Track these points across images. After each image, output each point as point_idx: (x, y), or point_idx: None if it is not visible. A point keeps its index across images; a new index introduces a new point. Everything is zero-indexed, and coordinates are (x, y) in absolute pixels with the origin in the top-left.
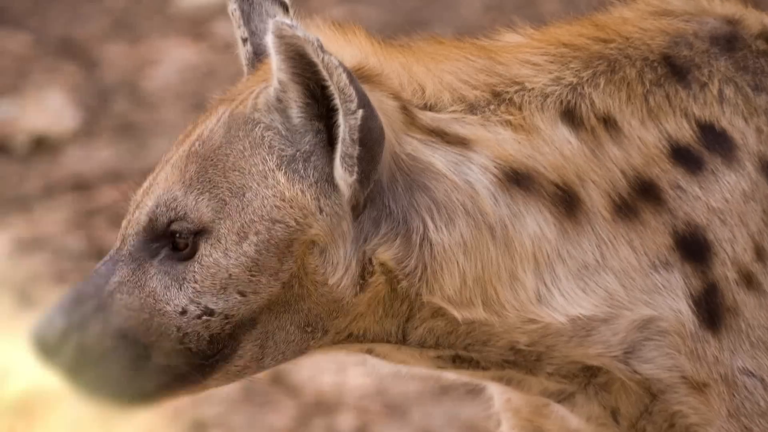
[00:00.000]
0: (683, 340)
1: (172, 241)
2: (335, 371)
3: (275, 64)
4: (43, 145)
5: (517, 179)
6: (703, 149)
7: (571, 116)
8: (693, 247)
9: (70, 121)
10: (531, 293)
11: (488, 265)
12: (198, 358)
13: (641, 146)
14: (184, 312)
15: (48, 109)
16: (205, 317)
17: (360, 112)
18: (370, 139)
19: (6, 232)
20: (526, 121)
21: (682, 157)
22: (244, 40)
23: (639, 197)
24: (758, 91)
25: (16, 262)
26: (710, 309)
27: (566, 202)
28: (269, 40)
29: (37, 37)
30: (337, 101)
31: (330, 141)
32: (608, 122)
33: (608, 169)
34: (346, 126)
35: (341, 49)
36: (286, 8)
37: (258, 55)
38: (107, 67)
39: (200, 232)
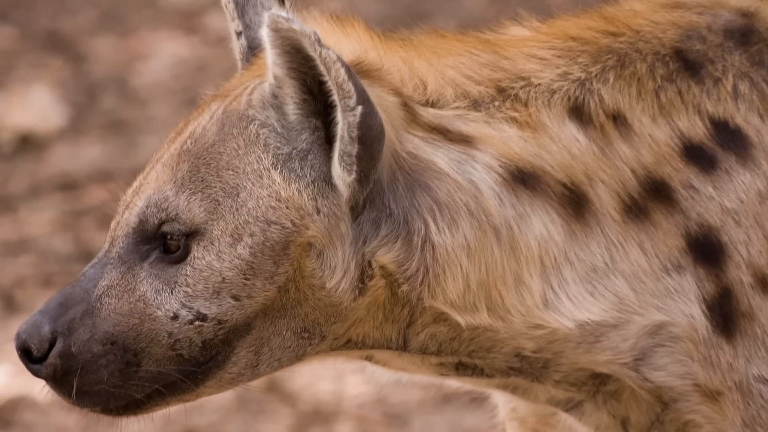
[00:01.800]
0: (696, 346)
1: (163, 243)
2: (333, 378)
3: (270, 58)
4: (28, 143)
5: (522, 179)
6: (717, 147)
7: (579, 113)
8: (706, 250)
9: (57, 118)
10: (537, 297)
11: (493, 268)
12: (190, 364)
13: (652, 144)
14: (175, 317)
15: (34, 106)
16: (197, 322)
17: (359, 108)
18: (369, 136)
19: None
20: (532, 118)
21: (695, 155)
22: (238, 34)
23: (650, 197)
24: None
25: (1, 265)
26: (724, 314)
27: (574, 203)
28: (264, 34)
29: (22, 30)
30: (335, 97)
31: (328, 139)
32: (618, 119)
33: (618, 168)
34: (344, 123)
35: (339, 43)
36: (281, 0)
37: (252, 49)
38: (95, 62)
39: (192, 234)
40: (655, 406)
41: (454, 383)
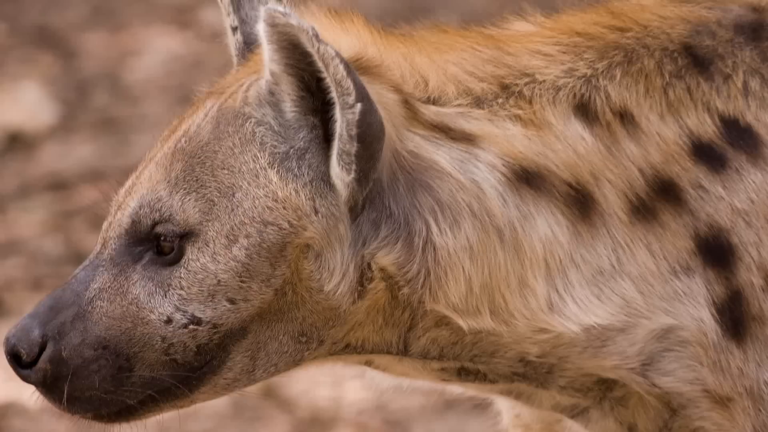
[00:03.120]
0: (705, 350)
1: (157, 245)
2: (332, 384)
3: (267, 54)
4: (17, 142)
5: (527, 178)
6: (727, 146)
7: (585, 110)
8: (716, 251)
9: (47, 116)
10: (542, 301)
11: (496, 270)
12: (184, 370)
13: (660, 143)
14: (169, 321)
15: (23, 103)
16: (191, 326)
17: (358, 106)
18: (368, 135)
19: None
20: (536, 115)
21: (705, 154)
22: (234, 29)
23: (658, 197)
24: None
25: None
26: (734, 318)
27: (580, 203)
28: (261, 29)
29: (11, 25)
30: (334, 94)
31: (326, 137)
32: (625, 117)
33: (625, 168)
34: (343, 121)
35: (338, 39)
36: None
37: (248, 45)
38: (86, 58)
39: (187, 235)
40: (663, 412)
41: (456, 389)
